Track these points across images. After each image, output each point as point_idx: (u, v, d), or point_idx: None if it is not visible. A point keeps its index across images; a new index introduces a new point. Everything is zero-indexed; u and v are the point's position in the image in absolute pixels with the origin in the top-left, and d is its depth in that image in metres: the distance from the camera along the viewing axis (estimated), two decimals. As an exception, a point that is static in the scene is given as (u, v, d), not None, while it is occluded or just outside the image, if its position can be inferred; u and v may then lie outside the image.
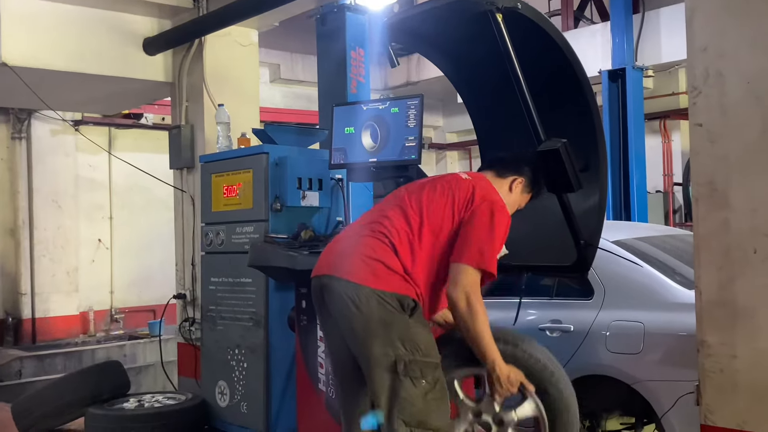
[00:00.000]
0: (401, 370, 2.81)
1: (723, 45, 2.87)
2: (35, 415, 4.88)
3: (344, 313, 2.89)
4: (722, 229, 2.86)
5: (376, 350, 2.84)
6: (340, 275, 2.91)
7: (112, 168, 11.25)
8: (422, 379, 2.83)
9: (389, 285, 2.88)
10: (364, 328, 2.85)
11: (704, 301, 2.92)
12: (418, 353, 2.85)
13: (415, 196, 3.06)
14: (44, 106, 6.85)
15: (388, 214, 3.02)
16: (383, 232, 2.95)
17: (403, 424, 2.79)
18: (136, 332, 10.67)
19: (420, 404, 2.82)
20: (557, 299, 4.90)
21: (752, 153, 2.79)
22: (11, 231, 10.51)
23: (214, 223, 5.08)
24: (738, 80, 2.82)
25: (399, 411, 2.80)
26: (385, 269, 2.88)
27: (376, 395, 2.85)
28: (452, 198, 3.01)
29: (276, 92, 12.77)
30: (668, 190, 11.72)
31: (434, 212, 2.98)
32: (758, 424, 2.77)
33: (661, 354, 4.27)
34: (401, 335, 2.85)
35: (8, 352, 9.49)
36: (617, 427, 4.80)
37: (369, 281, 2.86)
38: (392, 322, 2.85)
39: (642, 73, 10.40)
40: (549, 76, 3.68)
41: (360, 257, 2.91)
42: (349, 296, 2.86)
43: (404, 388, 2.81)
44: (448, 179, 3.12)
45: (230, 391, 4.91)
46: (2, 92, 6.48)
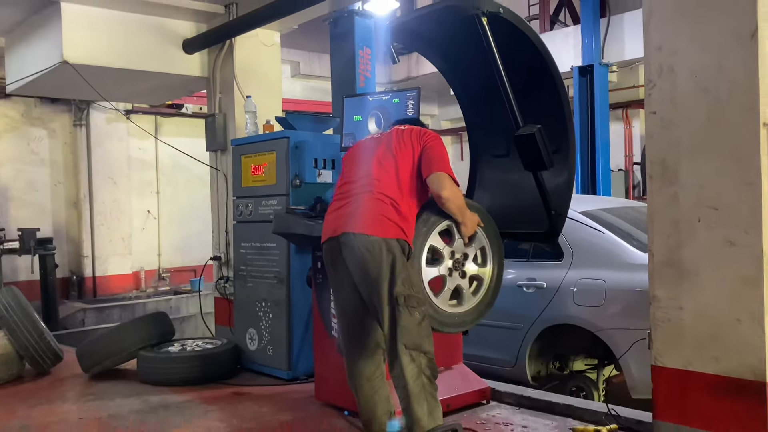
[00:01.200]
0: (401, 302, 2.93)
1: (675, 44, 2.85)
2: (96, 357, 4.91)
3: (360, 260, 3.00)
4: (672, 201, 2.86)
5: (384, 288, 2.95)
6: (356, 230, 3.02)
7: (158, 150, 11.22)
8: (416, 309, 2.96)
9: (394, 233, 3.01)
10: (376, 272, 2.96)
11: (656, 262, 2.93)
12: (413, 289, 2.99)
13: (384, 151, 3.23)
14: (100, 98, 6.84)
15: (374, 173, 3.16)
16: (381, 191, 3.08)
17: (404, 348, 2.91)
18: (180, 288, 10.72)
19: (415, 331, 2.93)
20: (533, 261, 4.91)
21: (699, 137, 2.78)
22: (74, 204, 10.54)
23: (243, 196, 5.08)
24: (687, 75, 2.80)
25: (400, 337, 2.92)
26: (390, 222, 3.03)
27: (383, 325, 2.98)
28: (409, 144, 3.23)
29: (296, 86, 12.68)
30: (629, 168, 11.68)
31: (403, 159, 3.18)
32: (700, 364, 2.80)
33: (620, 307, 4.29)
34: (401, 275, 2.97)
35: (73, 305, 9.57)
36: (582, 368, 4.84)
37: (379, 232, 2.99)
38: (395, 265, 2.96)
39: (607, 69, 10.34)
40: (527, 71, 3.65)
41: (369, 215, 3.04)
42: (365, 246, 2.98)
43: (403, 317, 2.93)
44: (398, 135, 3.30)
45: (258, 337, 4.95)
46: (64, 86, 6.45)
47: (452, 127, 15.03)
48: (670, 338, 2.88)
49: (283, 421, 3.83)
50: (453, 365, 4.02)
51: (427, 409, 2.87)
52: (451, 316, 3.28)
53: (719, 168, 2.72)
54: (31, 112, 10.17)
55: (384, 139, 3.33)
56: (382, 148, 3.27)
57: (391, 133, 3.36)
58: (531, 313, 4.71)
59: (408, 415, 2.91)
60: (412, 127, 3.39)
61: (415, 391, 2.88)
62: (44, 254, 8.27)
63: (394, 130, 3.36)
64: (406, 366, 2.89)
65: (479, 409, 3.89)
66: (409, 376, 2.88)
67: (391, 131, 3.37)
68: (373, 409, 3.20)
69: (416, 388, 2.88)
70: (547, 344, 4.78)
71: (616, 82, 10.66)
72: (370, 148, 3.34)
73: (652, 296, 2.94)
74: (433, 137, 3.29)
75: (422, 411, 2.86)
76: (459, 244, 3.32)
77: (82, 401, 4.37)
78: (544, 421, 3.65)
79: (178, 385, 4.59)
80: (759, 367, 2.63)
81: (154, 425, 3.80)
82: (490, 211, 3.70)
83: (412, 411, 2.88)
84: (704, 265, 2.77)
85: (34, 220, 9.54)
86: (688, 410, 2.83)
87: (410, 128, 3.35)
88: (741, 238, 2.66)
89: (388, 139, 3.31)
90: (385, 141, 3.31)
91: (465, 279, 3.36)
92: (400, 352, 2.90)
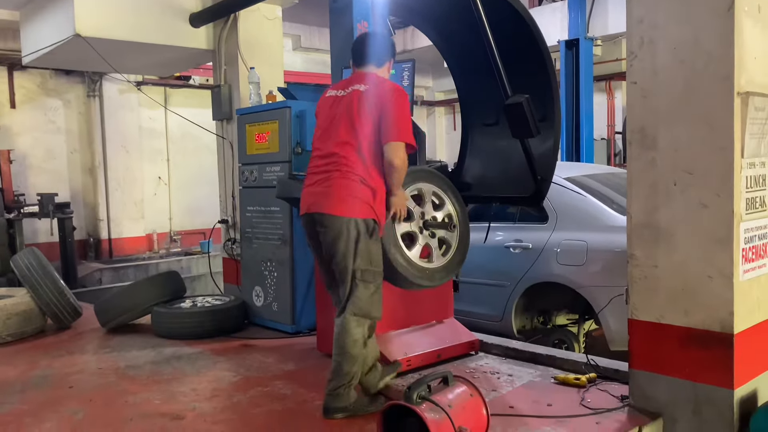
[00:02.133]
0: (358, 276, 3.03)
1: (655, 18, 2.81)
2: (113, 312, 4.94)
3: (331, 239, 3.05)
4: (650, 166, 2.86)
5: (347, 263, 3.03)
6: (327, 211, 3.04)
7: (168, 120, 11.15)
8: (371, 283, 3.06)
9: (361, 212, 3.03)
10: (343, 249, 3.02)
11: (634, 224, 2.94)
12: (371, 264, 3.06)
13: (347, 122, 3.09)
14: (112, 69, 6.74)
15: (340, 150, 3.06)
16: (349, 169, 3.03)
17: (352, 314, 3.02)
18: (190, 250, 10.74)
19: (366, 301, 3.05)
20: (519, 224, 4.93)
21: (676, 105, 2.76)
22: (90, 170, 10.50)
23: (248, 163, 5.06)
24: (666, 47, 2.77)
25: (350, 305, 3.04)
26: (358, 201, 3.03)
27: (343, 293, 3.07)
28: (367, 112, 3.06)
29: (297, 58, 12.53)
30: (611, 137, 11.65)
31: (363, 131, 3.06)
32: (672, 318, 2.83)
33: (600, 266, 4.32)
34: (362, 252, 3.03)
35: (90, 265, 9.60)
36: (564, 322, 4.89)
37: (347, 212, 3.02)
38: (358, 242, 3.02)
39: (592, 43, 10.21)
40: (516, 44, 3.61)
41: (338, 196, 3.04)
42: (335, 227, 3.03)
43: (358, 289, 3.04)
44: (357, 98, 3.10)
45: (264, 294, 4.98)
46: (78, 58, 6.35)
47: (445, 98, 14.91)
48: (645, 294, 2.91)
49: (287, 370, 3.88)
50: (444, 319, 4.05)
51: (354, 367, 3.04)
52: (422, 269, 3.43)
53: (695, 135, 2.71)
54: (47, 84, 10.06)
55: (345, 103, 3.14)
56: (345, 118, 3.10)
57: (351, 96, 3.13)
58: (517, 272, 4.74)
59: (336, 367, 3.04)
60: (369, 84, 3.14)
61: (352, 353, 3.02)
62: (62, 218, 8.26)
63: (354, 93, 3.13)
64: (352, 329, 3.02)
65: (468, 360, 3.94)
66: (350, 339, 3.01)
67: (352, 94, 3.13)
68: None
69: (354, 350, 3.03)
70: (531, 300, 4.83)
71: (600, 56, 10.55)
72: (334, 114, 3.17)
73: (630, 255, 2.96)
74: (391, 96, 3.08)
75: (350, 367, 3.03)
76: (428, 207, 3.52)
77: (101, 353, 4.41)
78: (528, 370, 3.70)
79: (190, 338, 4.63)
80: (727, 319, 2.66)
81: (168, 374, 3.84)
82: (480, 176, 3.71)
83: (341, 366, 3.03)
84: (679, 226, 2.78)
85: (52, 185, 9.52)
86: (660, 359, 2.88)
87: (368, 88, 3.12)
88: (713, 200, 2.67)
89: (350, 105, 3.11)
90: (346, 106, 3.12)
91: (435, 239, 3.54)
92: (347, 316, 3.03)
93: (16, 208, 8.16)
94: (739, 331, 2.68)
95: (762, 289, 2.83)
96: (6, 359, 4.30)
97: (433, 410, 2.42)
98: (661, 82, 2.80)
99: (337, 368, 3.04)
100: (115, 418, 3.15)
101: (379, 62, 3.29)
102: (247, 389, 3.53)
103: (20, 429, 3.03)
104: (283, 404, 3.29)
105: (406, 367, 3.63)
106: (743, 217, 2.68)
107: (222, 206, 6.09)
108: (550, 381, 3.48)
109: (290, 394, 3.43)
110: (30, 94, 9.88)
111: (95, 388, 3.61)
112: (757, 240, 2.78)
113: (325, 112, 3.26)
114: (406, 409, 2.44)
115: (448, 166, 4.24)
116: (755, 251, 2.76)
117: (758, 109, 2.69)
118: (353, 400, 3.06)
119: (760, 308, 2.82)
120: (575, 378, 3.41)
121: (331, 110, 3.21)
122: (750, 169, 2.71)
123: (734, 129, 2.61)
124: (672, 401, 2.85)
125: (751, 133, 2.68)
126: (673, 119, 2.78)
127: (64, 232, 8.30)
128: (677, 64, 2.74)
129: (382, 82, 3.18)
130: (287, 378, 3.71)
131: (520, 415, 2.99)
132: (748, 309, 2.74)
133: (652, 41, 2.81)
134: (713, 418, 2.73)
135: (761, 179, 2.79)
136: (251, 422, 3.08)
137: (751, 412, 2.69)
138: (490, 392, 3.31)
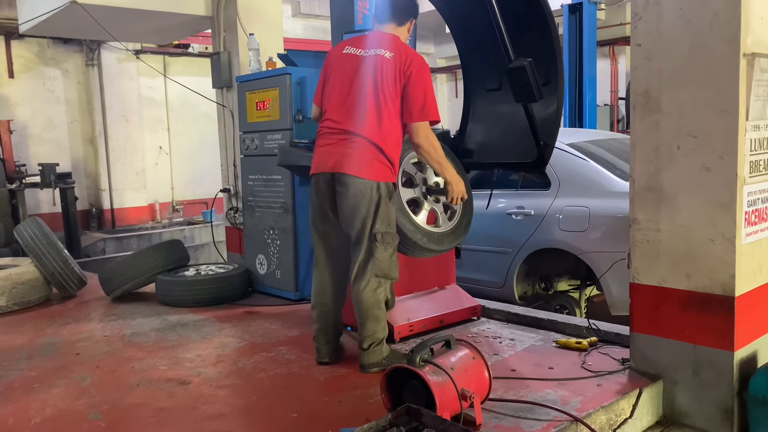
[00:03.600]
0: (379, 239, 3.07)
1: (661, -23, 2.76)
2: (117, 281, 4.97)
3: (353, 201, 3.06)
4: (653, 129, 2.84)
5: (368, 225, 3.07)
6: (352, 173, 3.05)
7: (168, 89, 11.08)
8: (390, 245, 3.12)
9: (383, 176, 3.08)
10: (365, 211, 3.05)
11: (636, 187, 2.93)
12: (390, 227, 3.12)
13: (369, 89, 3.05)
14: (110, 38, 6.68)
15: (360, 118, 3.06)
16: (369, 137, 3.04)
17: (374, 276, 3.10)
18: (193, 219, 10.78)
19: (387, 262, 3.11)
20: (522, 190, 4.92)
21: (681, 67, 2.73)
22: (90, 140, 10.47)
23: (249, 131, 5.03)
24: (672, 7, 2.73)
25: (372, 267, 3.08)
26: (380, 164, 3.07)
27: (358, 254, 3.11)
28: (393, 83, 3.05)
29: (297, 25, 12.38)
30: (614, 104, 11.56)
31: (387, 97, 3.05)
32: (673, 281, 2.84)
33: (602, 231, 4.32)
34: (383, 214, 3.08)
35: (93, 235, 9.64)
36: (566, 288, 4.91)
37: (371, 176, 3.05)
38: (380, 205, 3.07)
39: (596, 7, 10.04)
40: (519, 8, 3.56)
41: (363, 159, 3.05)
42: (359, 188, 3.05)
43: (378, 251, 3.09)
44: (381, 66, 3.05)
45: (267, 262, 5.00)
46: (75, 26, 6.28)
47: (447, 65, 14.76)
48: (647, 258, 2.92)
49: (292, 336, 3.92)
50: (447, 285, 4.08)
51: (381, 325, 3.16)
52: (431, 234, 3.51)
53: (699, 97, 2.68)
54: (45, 53, 9.97)
55: (368, 69, 3.07)
56: (369, 89, 3.05)
57: (375, 62, 3.07)
58: (519, 238, 4.75)
59: (363, 328, 3.15)
60: (394, 51, 3.08)
61: (376, 313, 3.12)
62: (64, 188, 8.27)
63: (378, 59, 3.07)
64: (373, 290, 3.10)
65: (470, 324, 3.97)
66: (373, 300, 3.10)
67: (376, 59, 3.07)
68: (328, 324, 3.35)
69: (376, 310, 3.12)
70: (533, 267, 4.85)
71: (604, 20, 10.41)
72: (352, 78, 3.11)
73: (633, 219, 2.96)
74: (418, 72, 3.05)
75: (377, 326, 3.14)
76: (430, 172, 3.59)
77: (106, 321, 4.45)
78: (529, 334, 3.73)
79: (194, 306, 4.66)
80: (729, 282, 2.67)
81: (173, 340, 3.89)
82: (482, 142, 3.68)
83: (368, 326, 3.13)
84: (682, 189, 2.77)
85: (53, 156, 9.50)
86: (661, 323, 2.90)
87: (393, 57, 3.06)
88: (717, 164, 2.66)
89: (373, 73, 3.05)
90: (371, 74, 3.06)
91: (439, 204, 3.62)
92: (370, 278, 3.09)
93: (17, 179, 8.16)
94: (740, 294, 2.69)
95: (764, 252, 2.84)
96: (13, 327, 4.34)
97: (436, 373, 2.44)
98: (665, 44, 2.76)
99: (364, 329, 3.15)
100: (121, 383, 3.19)
101: (400, 20, 3.23)
102: (252, 355, 3.57)
103: (29, 394, 3.08)
104: (288, 368, 3.33)
105: (408, 332, 3.66)
106: (746, 181, 2.67)
107: (224, 175, 6.08)
108: (552, 345, 3.51)
109: (294, 359, 3.46)
110: (28, 63, 9.81)
111: (102, 355, 3.66)
112: (759, 203, 2.77)
113: (341, 72, 3.18)
114: (409, 371, 2.47)
115: (450, 133, 4.21)
116: (758, 214, 2.76)
117: (764, 71, 2.65)
118: (386, 354, 3.19)
119: (761, 271, 2.83)
120: (576, 342, 3.43)
121: (348, 72, 3.14)
122: (754, 131, 2.69)
123: (739, 91, 2.58)
124: (672, 364, 2.88)
125: (757, 95, 2.65)
126: (677, 82, 2.75)
127: (66, 202, 8.31)
128: (683, 25, 2.70)
129: (408, 53, 3.10)
130: (291, 343, 3.75)
131: (522, 378, 3.02)
132: (749, 272, 2.75)
133: (658, 2, 2.76)
134: (713, 379, 2.75)
135: (765, 142, 2.77)
136: (256, 386, 3.12)
137: (751, 374, 2.71)
138: (492, 356, 3.35)
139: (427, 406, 2.34)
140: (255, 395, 3.01)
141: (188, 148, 11.35)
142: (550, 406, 2.64)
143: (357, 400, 2.86)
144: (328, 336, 3.34)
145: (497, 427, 2.50)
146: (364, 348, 3.16)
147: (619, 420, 2.73)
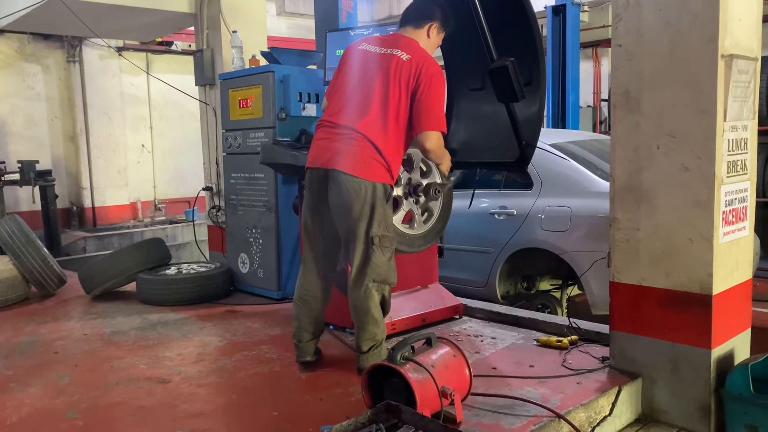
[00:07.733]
0: (376, 242, 2.97)
1: (642, -21, 2.79)
2: (97, 279, 4.91)
3: (346, 200, 2.95)
4: (633, 129, 2.86)
5: (362, 227, 2.96)
6: (346, 171, 2.94)
7: (150, 86, 10.98)
8: (388, 249, 3.02)
9: (381, 177, 2.97)
10: (358, 211, 2.94)
11: (617, 187, 2.96)
12: (387, 230, 3.02)
13: (380, 91, 2.98)
14: (92, 34, 6.60)
15: (366, 117, 2.97)
16: (371, 137, 2.95)
17: (372, 281, 2.99)
18: (175, 218, 10.69)
19: (385, 267, 3.02)
20: (504, 190, 4.94)
21: (661, 68, 2.76)
22: (71, 138, 10.34)
23: (232, 129, 5.00)
24: (652, 8, 2.75)
25: (370, 272, 2.99)
26: (378, 164, 2.96)
27: (353, 258, 3.00)
28: (404, 83, 2.96)
29: (281, 24, 12.35)
30: (596, 105, 11.66)
31: (395, 98, 2.96)
32: (653, 280, 2.87)
33: (583, 231, 4.35)
34: (380, 217, 2.97)
35: (74, 234, 9.52)
36: (548, 287, 4.94)
37: (367, 175, 2.94)
38: (376, 208, 2.96)
39: (579, 9, 10.11)
40: (503, 8, 3.57)
41: (360, 157, 2.94)
42: (353, 187, 2.93)
43: (375, 255, 2.98)
44: (393, 65, 2.98)
45: (250, 261, 4.98)
46: (56, 22, 6.24)
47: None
48: (627, 257, 2.94)
49: (273, 334, 3.91)
50: (429, 284, 4.08)
51: (381, 327, 3.08)
52: (403, 235, 3.51)
53: (678, 98, 2.71)
54: (25, 49, 9.83)
55: (380, 69, 3.01)
56: (378, 89, 2.98)
57: (390, 61, 3.00)
58: (502, 238, 4.77)
59: (363, 332, 3.06)
60: (412, 54, 3.01)
61: (376, 316, 3.04)
62: (44, 185, 8.14)
63: (393, 59, 3.00)
64: (372, 296, 3.01)
65: (452, 323, 3.98)
66: (373, 304, 3.02)
67: (391, 59, 3.00)
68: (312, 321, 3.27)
69: (377, 313, 3.04)
70: (515, 266, 4.87)
71: (587, 22, 10.49)
72: (363, 75, 3.05)
73: (613, 218, 2.98)
74: (434, 82, 2.97)
75: (376, 329, 3.06)
76: (416, 175, 3.56)
77: (86, 319, 4.40)
78: (511, 333, 3.75)
79: (175, 305, 4.62)
80: (707, 281, 2.70)
81: (154, 339, 3.85)
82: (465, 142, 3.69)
83: (368, 329, 3.05)
84: (661, 189, 2.80)
85: (33, 153, 9.37)
86: (641, 321, 2.92)
87: (410, 60, 2.98)
88: (695, 163, 2.69)
89: (386, 74, 2.98)
90: (382, 74, 2.99)
91: (418, 206, 3.60)
92: (368, 284, 2.99)
93: (-4, 176, 8.02)
94: (717, 292, 2.72)
95: (740, 252, 2.88)
96: (-10, 326, 4.28)
97: (417, 370, 2.45)
98: (646, 44, 2.79)
99: (364, 332, 3.06)
100: (101, 382, 3.16)
101: (416, 24, 3.16)
102: (233, 353, 3.55)
103: (5, 394, 3.03)
104: (269, 367, 3.32)
105: (391, 331, 3.66)
106: (724, 180, 2.70)
107: (206, 173, 6.05)
108: (533, 343, 3.53)
109: (276, 358, 3.45)
110: (7, 59, 9.66)
111: (81, 354, 3.62)
112: (737, 203, 2.81)
113: (352, 67, 3.12)
114: (390, 369, 2.47)
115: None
116: (735, 214, 2.80)
117: (741, 72, 2.69)
118: (385, 356, 3.04)
119: (738, 270, 2.86)
120: (557, 340, 3.46)
121: (360, 67, 3.08)
122: (732, 132, 2.72)
123: (718, 92, 2.61)
124: (651, 362, 2.91)
125: (734, 96, 2.68)
126: (657, 82, 2.77)
127: (46, 200, 8.19)
128: (663, 26, 2.73)
129: (426, 61, 3.01)
130: (273, 342, 3.74)
131: (503, 375, 3.04)
132: (726, 271, 2.78)
133: (638, 2, 2.79)
134: (691, 377, 2.79)
135: (743, 143, 2.81)
136: (237, 385, 3.10)
137: (728, 371, 2.75)
138: (474, 354, 3.36)
139: (408, 403, 2.34)
140: (235, 394, 2.99)
141: (171, 146, 11.25)
142: (531, 401, 2.65)
143: (338, 399, 2.86)
144: (310, 333, 3.30)
145: (477, 425, 2.51)
146: (363, 351, 3.07)
147: (599, 417, 2.75)
